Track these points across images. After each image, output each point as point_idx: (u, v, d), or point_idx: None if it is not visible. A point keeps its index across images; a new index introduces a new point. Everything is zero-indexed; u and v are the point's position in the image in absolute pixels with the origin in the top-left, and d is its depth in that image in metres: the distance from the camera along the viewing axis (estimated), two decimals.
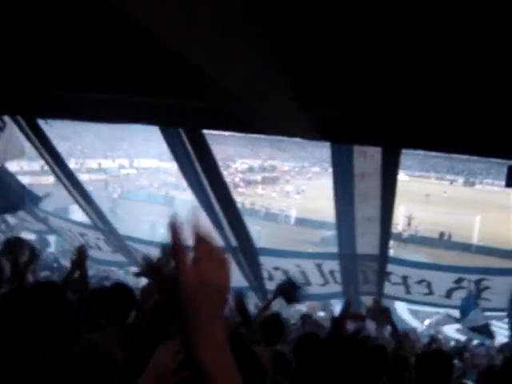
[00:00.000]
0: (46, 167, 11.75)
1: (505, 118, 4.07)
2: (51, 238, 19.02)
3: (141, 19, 1.60)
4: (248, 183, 62.33)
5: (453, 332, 19.16)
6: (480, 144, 5.35)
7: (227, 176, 41.11)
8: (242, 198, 45.31)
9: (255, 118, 4.22)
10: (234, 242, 10.62)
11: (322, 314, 16.78)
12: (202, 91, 3.48)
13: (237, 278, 11.64)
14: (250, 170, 74.52)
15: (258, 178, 67.63)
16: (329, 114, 5.07)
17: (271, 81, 3.43)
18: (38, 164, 48.10)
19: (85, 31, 3.56)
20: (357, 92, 4.22)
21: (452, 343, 14.43)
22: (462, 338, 15.76)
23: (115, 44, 3.53)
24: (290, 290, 6.93)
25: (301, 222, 44.66)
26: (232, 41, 2.42)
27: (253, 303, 14.17)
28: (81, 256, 5.73)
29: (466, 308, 11.21)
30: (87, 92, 5.58)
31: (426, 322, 21.27)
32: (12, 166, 18.50)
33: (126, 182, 56.88)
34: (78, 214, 16.76)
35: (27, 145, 10.96)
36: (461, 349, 11.29)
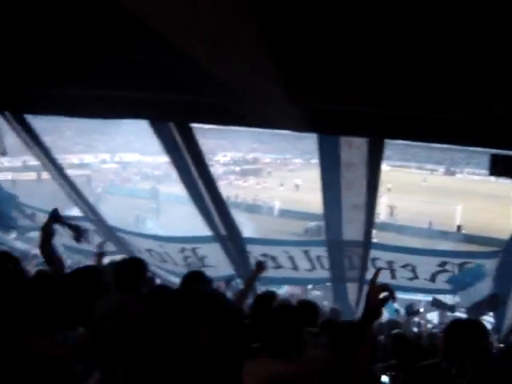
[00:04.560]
0: (29, 163, 11.88)
1: (487, 109, 4.26)
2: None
3: (130, 10, 1.67)
4: (230, 176, 62.36)
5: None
6: (462, 133, 5.53)
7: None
8: (225, 190, 45.18)
9: (245, 111, 4.38)
10: (223, 232, 10.81)
11: None
12: (195, 84, 3.63)
13: (226, 266, 11.89)
14: (232, 162, 74.54)
15: (240, 170, 67.72)
16: (316, 106, 5.24)
17: (260, 73, 3.57)
18: (20, 160, 47.91)
19: (71, 25, 3.66)
20: (343, 85, 4.39)
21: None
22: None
23: (103, 38, 3.61)
24: None
25: (284, 213, 44.79)
26: (222, 33, 2.51)
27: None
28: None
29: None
30: (75, 87, 5.63)
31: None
32: None
33: (108, 176, 56.72)
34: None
35: (8, 141, 11.03)
36: None
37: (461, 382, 3.54)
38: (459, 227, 40.55)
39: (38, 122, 10.84)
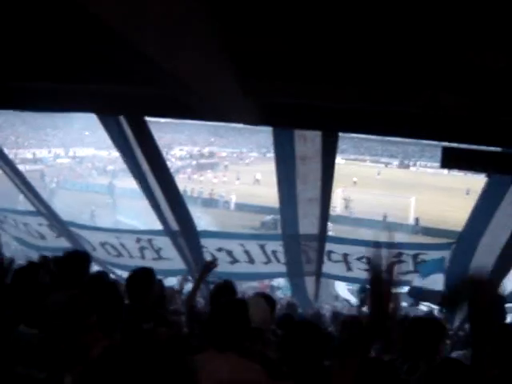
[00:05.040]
0: None
1: (436, 100, 4.31)
2: None
3: (86, 4, 1.65)
4: (186, 169, 62.08)
5: None
6: (414, 126, 5.60)
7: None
8: (182, 184, 44.86)
9: (198, 104, 4.35)
10: (174, 227, 10.71)
11: None
12: (146, 77, 3.58)
13: (177, 261, 11.80)
14: (188, 156, 74.23)
15: (197, 164, 67.47)
16: (270, 100, 5.23)
17: (215, 67, 3.54)
18: None
19: (26, 18, 3.59)
20: (295, 78, 4.39)
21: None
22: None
23: (54, 31, 3.56)
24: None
25: (241, 207, 44.73)
26: (177, 27, 2.47)
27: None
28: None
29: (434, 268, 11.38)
30: (27, 81, 5.54)
31: None
32: None
33: (62, 171, 55.81)
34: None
35: None
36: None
37: (405, 378, 3.57)
38: (417, 219, 41.03)
39: None
